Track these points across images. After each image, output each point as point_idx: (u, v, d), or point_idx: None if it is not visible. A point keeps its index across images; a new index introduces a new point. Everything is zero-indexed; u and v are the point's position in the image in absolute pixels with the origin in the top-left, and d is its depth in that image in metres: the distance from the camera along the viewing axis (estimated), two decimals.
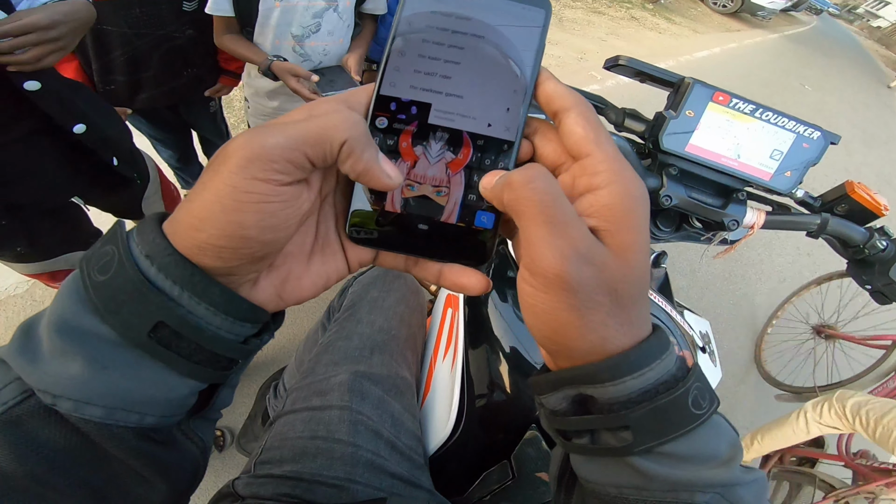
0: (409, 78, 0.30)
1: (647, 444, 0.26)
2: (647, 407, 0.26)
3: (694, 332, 0.89)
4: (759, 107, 0.74)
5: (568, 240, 0.25)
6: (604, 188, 0.26)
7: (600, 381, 0.26)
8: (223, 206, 0.24)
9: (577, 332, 0.26)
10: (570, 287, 0.25)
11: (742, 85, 6.68)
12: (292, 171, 0.25)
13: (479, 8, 0.29)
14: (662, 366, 0.26)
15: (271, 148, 0.24)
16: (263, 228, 0.25)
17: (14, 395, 0.25)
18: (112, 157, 1.18)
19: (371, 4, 1.66)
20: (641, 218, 0.27)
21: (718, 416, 0.28)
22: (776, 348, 2.82)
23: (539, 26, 0.30)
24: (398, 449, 0.75)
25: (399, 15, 0.29)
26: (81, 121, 1.04)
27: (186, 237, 0.25)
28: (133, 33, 1.35)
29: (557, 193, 0.25)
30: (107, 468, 0.27)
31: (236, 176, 0.23)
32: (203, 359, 0.27)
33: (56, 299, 0.26)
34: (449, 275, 0.32)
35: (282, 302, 0.30)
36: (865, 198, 0.81)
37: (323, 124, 0.25)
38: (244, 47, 1.51)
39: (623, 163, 0.27)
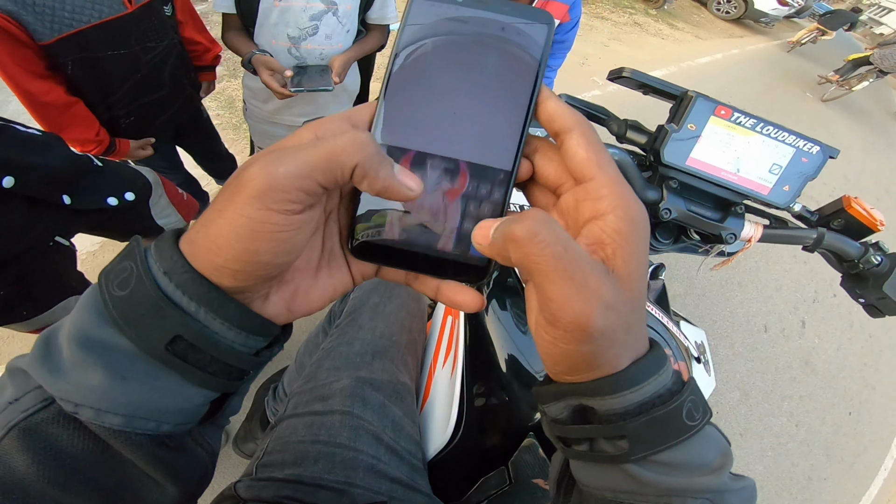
0: (409, 105, 0.30)
1: (642, 453, 0.27)
2: (643, 418, 0.27)
3: (689, 343, 0.90)
4: (760, 121, 0.75)
5: (591, 292, 0.25)
6: (609, 213, 0.27)
7: (600, 394, 0.28)
8: (238, 235, 0.25)
9: (590, 366, 0.27)
10: (594, 337, 0.25)
11: (744, 91, 6.69)
12: (304, 199, 0.25)
13: (481, 25, 0.30)
14: (659, 380, 0.28)
15: (283, 178, 0.24)
16: (277, 254, 0.26)
17: (34, 402, 0.26)
18: (61, 196, 1.09)
19: (377, 14, 1.65)
20: (643, 241, 0.27)
21: (711, 427, 0.29)
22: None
23: (541, 45, 0.30)
24: (398, 453, 0.76)
25: (400, 32, 0.30)
26: (8, 173, 0.94)
27: (204, 259, 0.26)
28: (141, 49, 1.34)
29: (566, 241, 0.25)
30: (121, 472, 0.28)
31: (250, 207, 0.24)
32: (217, 370, 0.28)
33: (76, 312, 0.27)
34: (446, 291, 0.33)
35: (291, 315, 0.31)
36: (862, 213, 0.82)
37: (332, 149, 0.25)
38: (240, 41, 1.53)
39: (624, 186, 0.28)
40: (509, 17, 0.30)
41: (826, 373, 3.11)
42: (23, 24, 1.07)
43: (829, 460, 2.68)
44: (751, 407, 2.70)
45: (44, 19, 1.09)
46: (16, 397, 0.26)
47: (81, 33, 1.16)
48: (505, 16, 0.30)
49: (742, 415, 2.64)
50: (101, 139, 1.38)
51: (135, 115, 1.46)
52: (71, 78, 1.24)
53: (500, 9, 0.30)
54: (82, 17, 1.14)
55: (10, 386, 0.27)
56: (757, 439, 2.58)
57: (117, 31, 1.24)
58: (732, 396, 2.70)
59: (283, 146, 0.27)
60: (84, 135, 1.34)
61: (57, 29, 1.12)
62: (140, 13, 1.28)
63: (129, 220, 1.36)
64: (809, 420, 2.80)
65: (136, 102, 1.43)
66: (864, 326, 3.51)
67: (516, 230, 0.25)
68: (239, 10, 1.47)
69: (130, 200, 1.27)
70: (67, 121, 1.29)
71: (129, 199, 1.27)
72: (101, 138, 1.38)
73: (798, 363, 3.07)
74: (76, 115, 1.31)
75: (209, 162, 2.23)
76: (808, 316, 3.44)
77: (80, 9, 1.14)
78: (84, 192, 1.15)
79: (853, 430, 2.90)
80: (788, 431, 2.69)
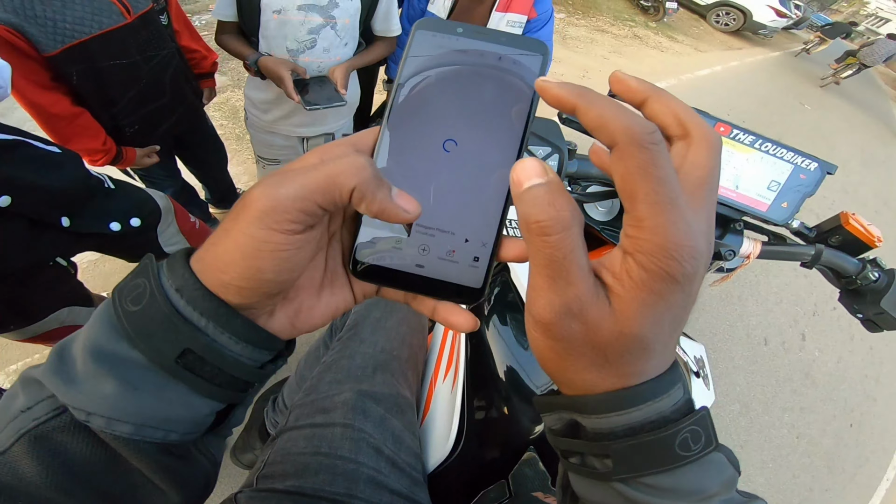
0: (409, 132, 0.32)
1: (626, 474, 0.28)
2: (628, 441, 0.27)
3: (689, 358, 0.90)
4: (759, 138, 0.76)
5: (562, 297, 0.25)
6: (639, 253, 0.24)
7: (586, 412, 0.28)
8: (243, 254, 0.26)
9: (561, 372, 0.29)
10: (554, 336, 0.27)
11: (742, 103, 6.73)
12: (305, 219, 0.27)
13: (479, 56, 0.31)
14: (653, 408, 0.27)
15: (284, 200, 0.26)
16: (280, 272, 0.27)
17: (46, 411, 0.27)
18: (60, 219, 1.10)
19: (381, 26, 1.67)
20: (670, 303, 0.25)
21: (719, 455, 0.29)
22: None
23: (535, 73, 0.31)
24: (398, 466, 0.76)
25: (403, 62, 0.31)
26: (6, 192, 0.95)
27: (212, 277, 0.27)
28: (142, 58, 1.36)
29: (569, 249, 0.25)
30: (126, 480, 0.29)
31: (253, 227, 0.26)
32: (223, 382, 0.29)
33: (90, 326, 0.28)
34: (442, 312, 0.34)
35: (295, 330, 0.33)
36: (859, 229, 0.83)
37: (331, 171, 0.27)
38: (238, 43, 1.55)
39: (677, 229, 0.24)
40: (506, 47, 0.31)
41: (827, 385, 3.10)
42: (27, 36, 1.08)
43: (831, 472, 2.67)
44: (751, 419, 2.69)
45: (46, 31, 1.11)
46: (28, 406, 0.27)
47: (84, 44, 1.18)
48: (502, 46, 0.31)
49: (742, 427, 2.63)
50: (107, 148, 1.40)
51: (139, 123, 1.48)
52: (76, 88, 1.26)
53: (498, 39, 0.31)
54: (83, 28, 1.17)
55: (23, 395, 0.28)
56: (757, 451, 2.57)
57: (118, 41, 1.26)
58: (732, 409, 2.69)
59: (289, 169, 0.28)
60: (91, 144, 1.35)
61: (60, 40, 1.13)
62: (139, 23, 1.30)
63: (135, 246, 1.37)
64: (810, 432, 2.79)
65: (139, 111, 1.45)
66: (864, 339, 3.50)
67: (535, 218, 0.25)
68: (241, 20, 1.50)
69: (135, 227, 1.28)
70: (74, 131, 1.31)
71: (134, 226, 1.28)
72: (108, 147, 1.40)
73: (798, 375, 3.07)
74: (83, 126, 1.32)
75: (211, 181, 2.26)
76: (808, 329, 3.43)
77: (81, 20, 1.16)
78: (87, 216, 1.16)
79: (854, 441, 2.89)
80: (789, 443, 2.68)
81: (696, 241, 0.24)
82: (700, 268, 0.24)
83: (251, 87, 1.72)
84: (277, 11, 1.41)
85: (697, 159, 0.27)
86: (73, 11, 1.13)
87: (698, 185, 0.26)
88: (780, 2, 11.31)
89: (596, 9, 8.29)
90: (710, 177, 0.26)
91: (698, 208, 0.26)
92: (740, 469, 0.30)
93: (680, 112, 0.27)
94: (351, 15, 1.51)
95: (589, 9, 8.14)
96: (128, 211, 1.27)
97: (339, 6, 1.47)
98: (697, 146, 0.27)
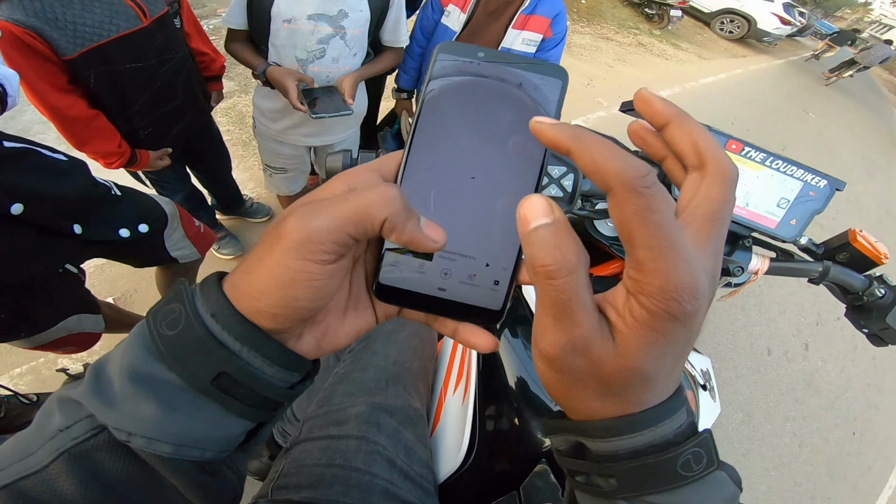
0: (432, 158, 0.33)
1: (630, 493, 0.28)
2: (632, 463, 0.28)
3: (696, 371, 0.91)
4: (770, 155, 0.76)
5: (567, 335, 0.26)
6: (641, 295, 0.25)
7: (591, 436, 0.29)
8: (278, 284, 0.27)
9: (566, 400, 0.30)
10: (559, 370, 0.28)
11: (747, 112, 6.73)
12: (338, 249, 0.28)
13: (500, 81, 0.32)
14: (657, 433, 0.28)
15: (318, 231, 0.27)
16: (313, 300, 0.29)
17: (85, 430, 0.28)
18: (72, 226, 1.12)
19: (390, 36, 1.69)
20: (672, 342, 0.26)
21: (721, 473, 0.29)
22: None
23: (556, 99, 0.32)
24: (410, 477, 0.77)
25: (426, 86, 0.32)
26: (19, 200, 0.96)
27: (247, 304, 0.28)
28: (157, 61, 1.38)
29: (574, 291, 0.25)
30: (161, 496, 0.30)
31: (289, 257, 0.27)
32: (256, 402, 0.30)
33: (126, 348, 0.29)
34: (463, 333, 0.36)
35: (320, 351, 0.34)
36: (867, 246, 0.84)
37: (363, 204, 0.27)
38: (246, 52, 1.57)
39: (680, 271, 0.24)
40: (526, 72, 0.32)
41: (829, 394, 3.10)
42: (47, 39, 1.10)
43: (833, 480, 2.67)
44: (753, 428, 2.69)
45: (66, 34, 1.12)
46: (66, 425, 0.28)
47: (102, 47, 1.20)
48: (522, 70, 0.32)
49: (745, 436, 2.63)
50: (122, 151, 1.42)
51: (152, 125, 1.50)
52: (93, 91, 1.28)
53: (518, 64, 0.32)
54: (102, 31, 1.18)
55: (60, 414, 0.29)
56: (760, 459, 2.57)
57: (135, 44, 1.28)
58: (735, 418, 2.69)
59: (317, 198, 0.29)
60: (107, 147, 1.37)
61: (80, 43, 1.15)
62: (155, 27, 1.32)
63: (142, 251, 1.38)
64: (813, 440, 2.79)
65: (153, 113, 1.47)
66: (867, 349, 3.48)
67: (540, 262, 0.25)
68: (251, 29, 1.52)
69: (144, 232, 1.29)
70: (91, 134, 1.33)
71: (143, 231, 1.29)
72: (123, 150, 1.42)
73: (801, 385, 3.07)
74: (99, 128, 1.34)
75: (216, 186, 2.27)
76: (811, 339, 3.43)
77: (100, 23, 1.17)
78: (96, 223, 1.18)
79: (857, 449, 2.88)
80: (791, 451, 2.68)
81: (698, 281, 0.24)
82: (702, 306, 0.25)
83: (260, 95, 1.74)
84: (288, 21, 1.43)
85: (711, 192, 0.27)
86: (92, 15, 1.15)
87: (708, 219, 0.27)
88: (784, 9, 11.35)
89: (600, 17, 8.32)
90: (722, 211, 0.27)
91: (705, 244, 0.26)
92: (742, 486, 0.31)
93: (699, 141, 0.28)
94: (360, 25, 1.53)
95: (593, 17, 8.17)
96: (136, 217, 1.28)
97: (349, 16, 1.48)
98: (712, 179, 0.27)
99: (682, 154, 0.29)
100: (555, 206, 0.26)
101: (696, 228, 0.26)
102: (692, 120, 0.29)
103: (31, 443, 0.29)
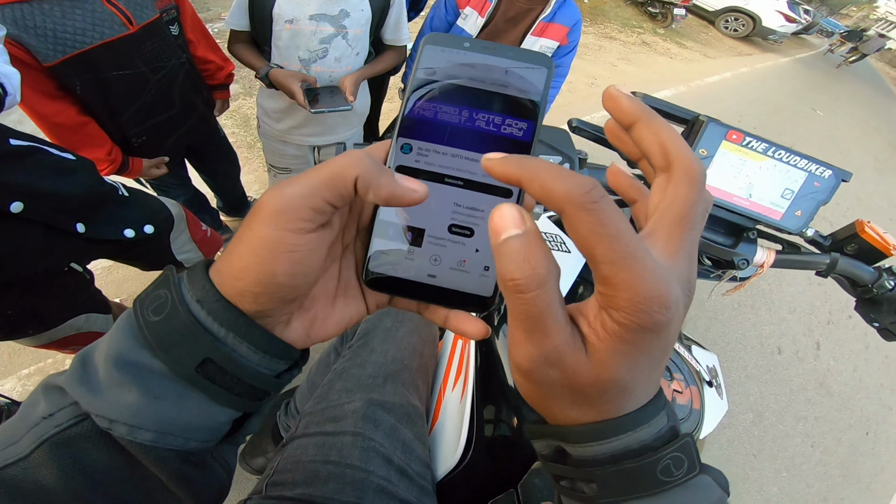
0: (419, 145, 0.33)
1: (611, 498, 0.28)
2: (611, 468, 0.27)
3: (701, 367, 0.89)
4: (772, 145, 0.75)
5: (540, 348, 0.26)
6: (611, 308, 0.24)
7: (570, 441, 0.29)
8: (257, 258, 0.27)
9: (544, 409, 0.29)
10: (534, 382, 0.27)
11: (753, 111, 6.70)
12: (314, 216, 0.27)
13: (486, 70, 0.32)
14: (634, 438, 0.27)
15: (292, 198, 0.27)
16: (293, 275, 0.28)
17: (68, 418, 0.28)
18: (75, 225, 1.11)
19: (391, 35, 1.69)
20: (640, 351, 0.25)
21: (705, 478, 0.29)
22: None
23: (541, 87, 0.32)
24: (408, 475, 0.76)
25: (413, 76, 0.32)
26: (19, 198, 0.95)
27: (229, 286, 0.28)
28: (149, 69, 1.37)
29: (545, 304, 0.25)
30: (144, 487, 0.29)
31: (265, 228, 0.27)
32: (242, 391, 0.30)
33: (112, 335, 0.28)
34: (453, 321, 0.35)
35: (309, 340, 0.33)
36: (875, 237, 0.82)
37: (334, 167, 0.28)
38: (249, 54, 1.58)
39: (648, 281, 0.23)
40: (512, 61, 0.32)
41: (842, 394, 3.06)
42: (26, 46, 1.10)
43: (846, 480, 2.62)
44: (764, 428, 2.65)
45: (46, 41, 1.12)
46: (50, 412, 0.28)
47: (85, 54, 1.19)
48: (508, 60, 0.32)
49: (756, 436, 2.60)
50: (113, 158, 1.41)
51: (146, 134, 1.49)
52: (81, 98, 1.27)
53: (504, 54, 0.32)
54: (84, 38, 1.17)
55: (44, 402, 0.29)
56: (771, 460, 2.53)
57: (120, 51, 1.27)
58: (745, 418, 2.66)
59: (299, 175, 0.29)
60: (95, 154, 1.36)
61: (61, 50, 1.14)
62: (142, 34, 1.30)
63: (148, 253, 1.38)
64: (825, 441, 2.75)
65: (147, 122, 1.46)
66: (880, 348, 3.45)
67: (511, 274, 0.24)
68: (254, 30, 1.52)
69: (149, 234, 1.29)
70: (80, 140, 1.32)
71: (148, 232, 1.28)
72: (114, 157, 1.41)
73: (813, 385, 3.02)
74: (88, 135, 1.33)
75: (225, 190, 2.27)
76: (822, 338, 3.39)
77: (82, 31, 1.16)
78: (101, 222, 1.17)
79: (870, 450, 2.84)
80: (803, 452, 2.64)
81: (666, 289, 0.23)
82: (674, 315, 0.24)
83: (264, 96, 1.75)
84: (290, 21, 1.44)
85: (678, 194, 0.26)
86: (73, 22, 1.14)
87: (677, 222, 0.26)
88: (789, 7, 11.31)
89: (604, 16, 8.31)
90: (691, 213, 0.26)
91: (676, 249, 0.26)
92: (729, 490, 0.30)
93: (666, 141, 0.27)
94: (362, 25, 1.53)
95: (597, 16, 8.17)
96: (141, 218, 1.28)
97: (351, 16, 1.49)
98: (678, 180, 0.27)
99: (649, 154, 0.28)
100: (527, 216, 0.25)
101: (666, 232, 0.26)
102: (660, 119, 0.28)
103: (16, 431, 0.28)
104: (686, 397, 0.82)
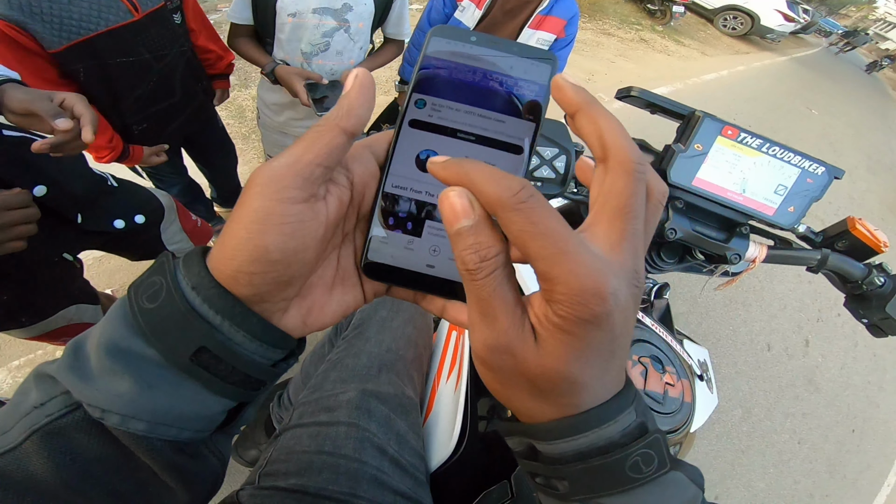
0: (423, 134, 0.33)
1: (582, 495, 0.28)
2: (579, 465, 0.28)
3: (692, 361, 0.90)
4: (767, 141, 0.75)
5: (492, 332, 0.26)
6: (554, 302, 0.25)
7: (536, 438, 0.29)
8: (248, 232, 0.26)
9: (507, 401, 0.30)
10: (490, 368, 0.28)
11: (749, 108, 6.72)
12: (303, 184, 0.27)
13: (491, 64, 0.32)
14: (599, 435, 0.28)
15: (277, 169, 0.27)
16: (285, 250, 0.27)
17: (59, 407, 0.27)
18: (76, 215, 1.13)
19: (393, 29, 1.69)
20: (585, 343, 0.25)
21: (678, 474, 0.29)
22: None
23: (545, 83, 0.32)
24: (401, 466, 0.76)
25: (419, 66, 0.32)
26: (43, 182, 0.99)
27: (223, 270, 0.27)
28: (152, 57, 1.35)
29: (493, 288, 0.26)
30: (136, 478, 0.29)
31: (255, 201, 0.26)
32: (237, 380, 0.29)
33: (105, 322, 0.28)
34: (451, 311, 0.35)
35: (306, 328, 0.33)
36: (866, 234, 0.83)
37: (321, 130, 0.29)
38: (253, 49, 1.57)
39: (588, 273, 0.23)
40: (517, 56, 0.32)
41: (829, 391, 3.10)
42: (31, 33, 1.08)
43: (832, 477, 2.66)
44: (753, 424, 2.69)
45: (52, 28, 1.10)
46: (41, 402, 0.27)
47: (89, 41, 1.18)
48: (514, 55, 0.32)
49: (744, 432, 2.63)
50: (114, 146, 1.39)
51: (147, 121, 1.47)
52: (84, 86, 1.26)
53: (510, 49, 0.32)
54: (90, 25, 1.16)
55: (36, 391, 0.28)
56: (759, 456, 2.56)
57: (125, 38, 1.25)
58: (734, 414, 2.68)
59: None
60: (97, 141, 1.34)
61: (66, 37, 1.13)
62: (147, 21, 1.29)
63: (138, 244, 1.37)
64: (812, 437, 2.79)
65: (148, 109, 1.45)
66: (868, 345, 3.49)
67: (471, 257, 0.26)
68: (256, 23, 1.51)
69: (140, 223, 1.28)
70: None
71: (139, 223, 1.28)
72: (115, 145, 1.40)
73: (801, 381, 3.06)
74: None
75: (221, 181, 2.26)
76: (811, 335, 3.43)
77: (87, 17, 1.15)
78: (93, 213, 1.17)
79: (856, 447, 2.88)
80: (791, 448, 2.68)
81: (603, 281, 0.23)
82: (613, 306, 0.24)
83: (264, 88, 1.74)
84: (293, 15, 1.43)
85: (615, 186, 0.26)
86: (79, 8, 1.13)
87: (615, 214, 0.26)
88: (787, 6, 11.31)
89: (602, 12, 8.29)
90: (630, 204, 0.26)
91: (618, 241, 0.26)
92: (704, 487, 0.30)
93: (604, 132, 0.27)
94: (364, 19, 1.53)
95: (595, 12, 8.15)
96: (131, 209, 1.28)
97: (353, 10, 1.48)
98: (613, 172, 0.27)
99: (590, 145, 0.28)
100: (475, 203, 0.26)
101: (606, 225, 0.26)
102: (601, 108, 0.28)
103: (7, 420, 0.28)
104: (678, 390, 0.83)
